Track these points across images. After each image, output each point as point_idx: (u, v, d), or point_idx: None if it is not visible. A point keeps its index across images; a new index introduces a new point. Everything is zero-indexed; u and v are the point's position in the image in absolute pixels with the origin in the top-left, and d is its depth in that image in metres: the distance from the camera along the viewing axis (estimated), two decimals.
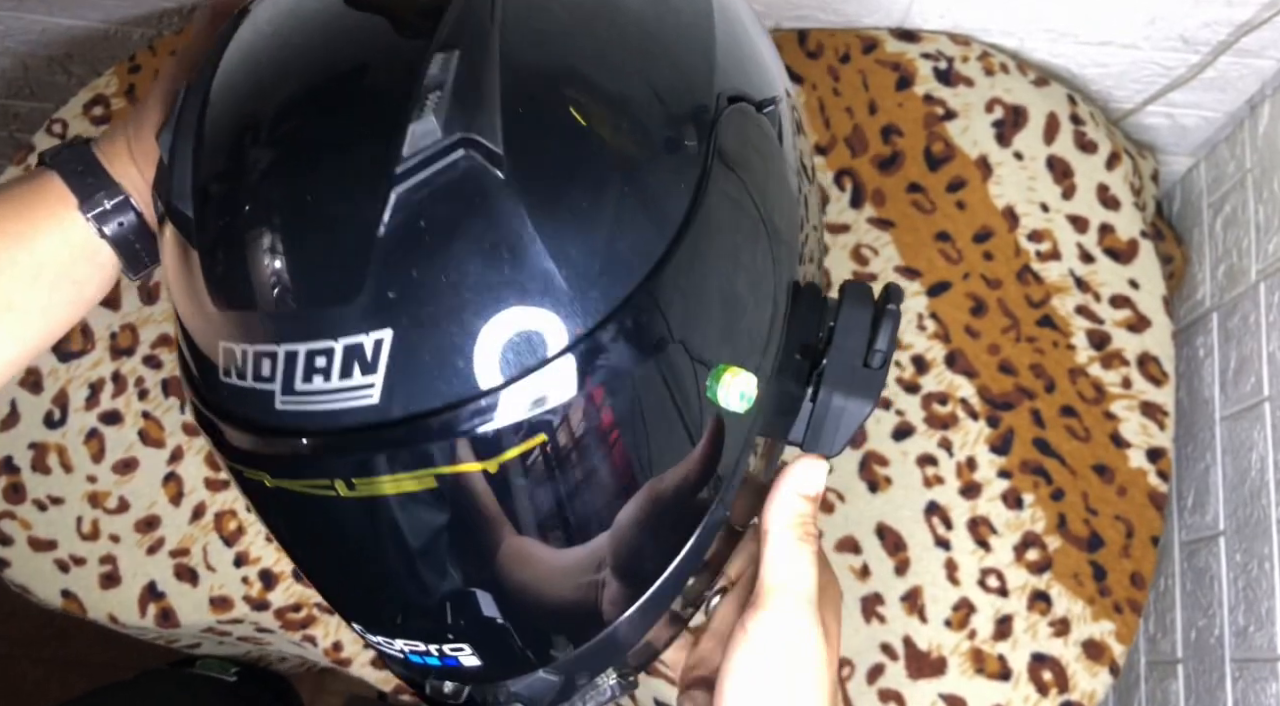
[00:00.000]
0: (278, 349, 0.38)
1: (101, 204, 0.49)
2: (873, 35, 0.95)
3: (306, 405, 0.38)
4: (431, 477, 0.38)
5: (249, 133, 0.40)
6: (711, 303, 0.40)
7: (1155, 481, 0.89)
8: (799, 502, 0.43)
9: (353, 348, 0.37)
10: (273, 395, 0.38)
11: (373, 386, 0.37)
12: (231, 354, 0.39)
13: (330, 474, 0.38)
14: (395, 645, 0.44)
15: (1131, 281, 0.93)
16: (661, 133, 0.39)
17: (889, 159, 0.94)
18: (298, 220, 0.38)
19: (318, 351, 0.37)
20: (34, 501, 0.87)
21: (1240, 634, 0.86)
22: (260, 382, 0.38)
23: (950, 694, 0.85)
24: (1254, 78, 0.94)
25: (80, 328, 0.89)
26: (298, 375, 0.37)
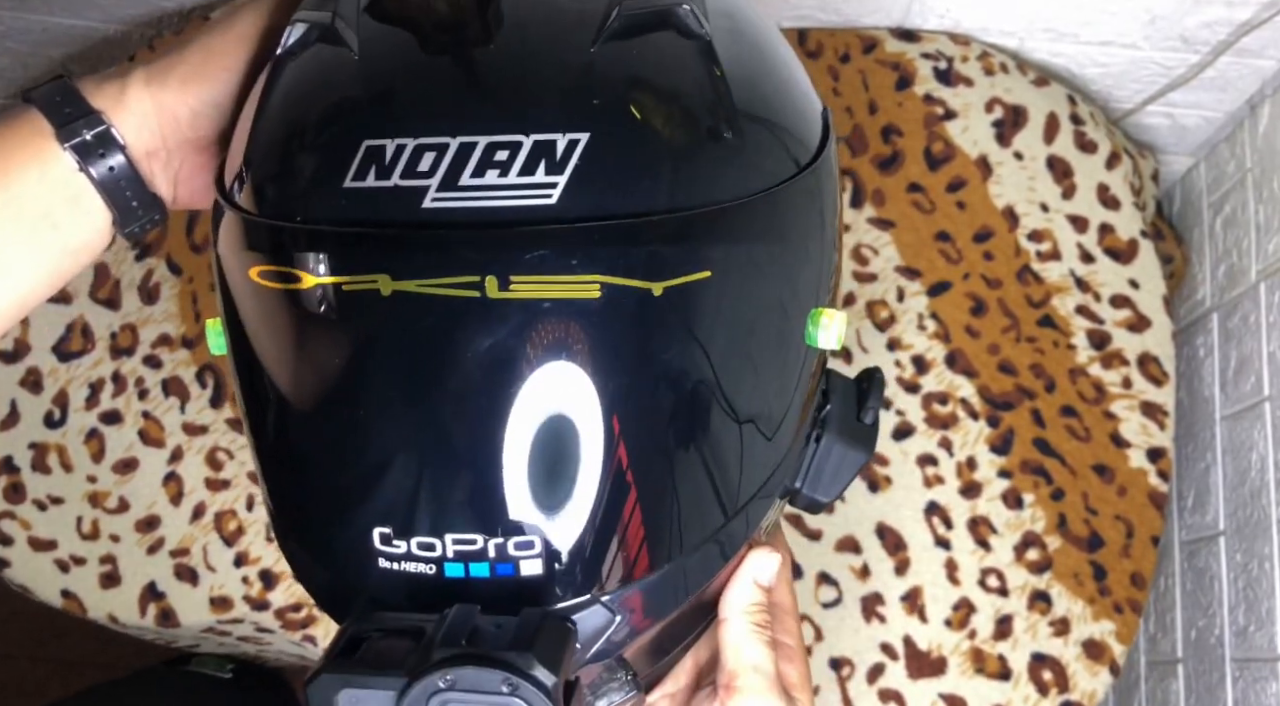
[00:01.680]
0: (451, 141, 0.36)
1: (80, 133, 0.44)
2: (873, 35, 0.95)
3: (467, 201, 0.36)
4: (596, 286, 0.36)
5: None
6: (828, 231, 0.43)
7: (1155, 481, 0.89)
8: (753, 591, 0.45)
9: (544, 144, 0.36)
10: (424, 191, 0.36)
11: (555, 187, 0.36)
12: (378, 152, 0.37)
13: (484, 269, 0.35)
14: (435, 550, 0.38)
15: (1131, 281, 0.93)
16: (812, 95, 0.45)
17: (889, 159, 0.94)
18: (518, 33, 0.38)
19: (501, 144, 0.36)
20: (34, 501, 0.87)
21: (1240, 634, 0.86)
22: (411, 179, 0.36)
23: (950, 693, 0.85)
24: (1254, 78, 0.94)
25: (80, 327, 0.89)
26: (468, 168, 0.36)
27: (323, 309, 0.37)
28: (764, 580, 0.45)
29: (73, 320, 0.90)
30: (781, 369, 0.42)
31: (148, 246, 0.91)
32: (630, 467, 0.38)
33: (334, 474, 0.39)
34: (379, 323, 0.37)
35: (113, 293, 0.90)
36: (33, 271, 0.45)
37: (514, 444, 0.37)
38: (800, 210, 0.41)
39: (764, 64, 0.43)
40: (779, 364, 0.42)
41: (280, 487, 0.42)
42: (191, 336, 0.89)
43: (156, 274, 0.90)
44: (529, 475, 0.37)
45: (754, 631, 0.44)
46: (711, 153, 0.39)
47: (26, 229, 0.44)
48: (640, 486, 0.39)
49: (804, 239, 0.42)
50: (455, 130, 0.36)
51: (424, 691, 0.34)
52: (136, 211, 0.47)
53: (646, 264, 0.36)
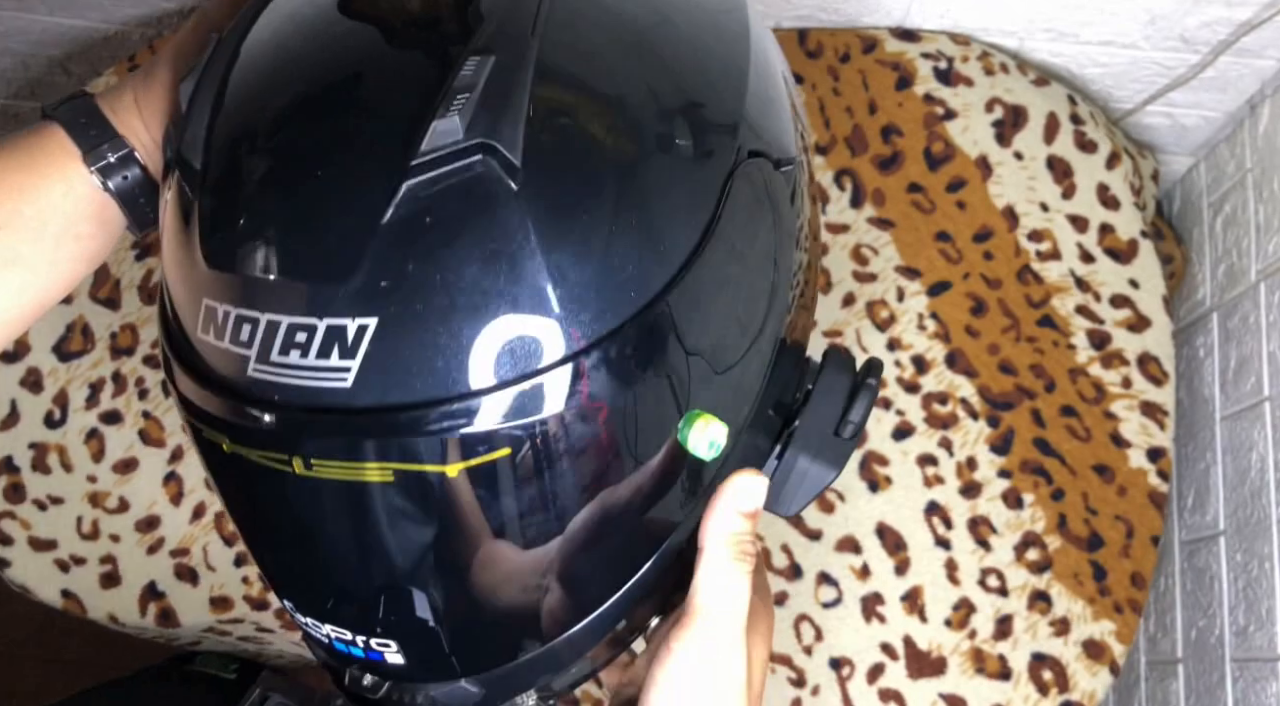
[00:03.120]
0: (260, 317, 0.37)
1: (105, 157, 0.48)
2: (873, 35, 0.95)
3: (279, 377, 0.37)
4: (390, 471, 0.37)
5: (271, 96, 0.40)
6: (699, 346, 0.39)
7: (1155, 481, 0.89)
8: (736, 520, 0.42)
9: (335, 329, 0.36)
10: (248, 360, 0.38)
11: (348, 371, 0.37)
12: (213, 312, 0.39)
13: (290, 450, 0.38)
14: (323, 629, 0.43)
15: (1131, 281, 0.93)
16: (680, 172, 0.39)
17: (889, 159, 0.94)
18: (304, 193, 0.38)
19: (299, 326, 0.37)
20: (34, 501, 0.87)
21: (1240, 634, 0.86)
22: (236, 346, 0.38)
23: (950, 693, 0.85)
24: (1254, 78, 0.94)
25: (80, 327, 0.89)
26: (275, 346, 0.37)
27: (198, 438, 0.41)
28: (746, 507, 0.42)
29: (73, 320, 0.90)
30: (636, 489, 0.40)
31: (148, 246, 0.91)
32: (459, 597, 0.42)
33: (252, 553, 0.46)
34: (226, 470, 0.42)
35: (113, 293, 0.90)
36: (55, 277, 0.49)
37: (353, 576, 0.42)
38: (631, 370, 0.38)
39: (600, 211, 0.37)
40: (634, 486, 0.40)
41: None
42: None
43: (156, 274, 0.90)
44: (371, 599, 0.42)
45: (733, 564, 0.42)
46: (508, 329, 0.36)
47: (51, 241, 0.48)
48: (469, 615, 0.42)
49: (646, 390, 0.39)
50: (263, 306, 0.38)
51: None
52: (150, 217, 0.50)
53: (436, 451, 0.37)
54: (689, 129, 0.40)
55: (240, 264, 0.38)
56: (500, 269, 0.36)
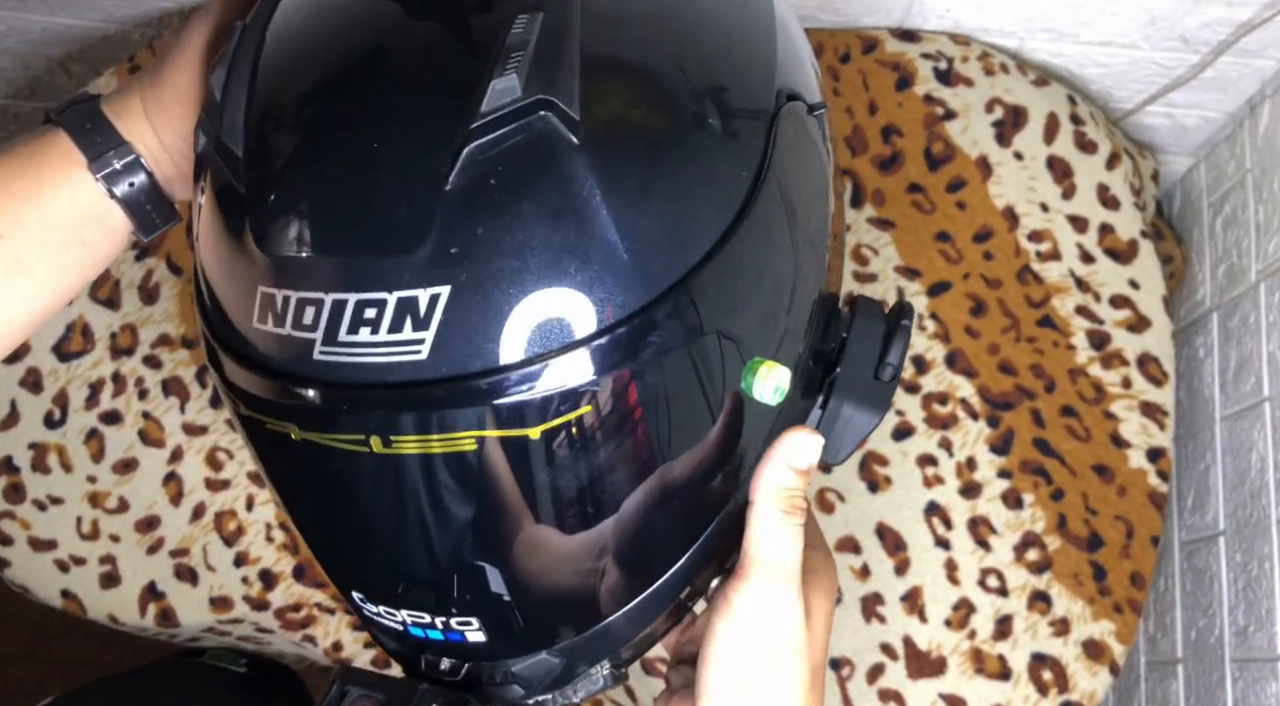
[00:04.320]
0: (324, 297, 0.37)
1: (111, 164, 0.47)
2: (873, 35, 0.95)
3: (348, 357, 0.37)
4: (471, 440, 0.37)
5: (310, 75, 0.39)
6: (757, 293, 0.40)
7: (1155, 481, 0.89)
8: (788, 475, 0.42)
9: (406, 301, 0.36)
10: (312, 344, 0.37)
11: (422, 343, 0.36)
12: (270, 300, 0.38)
13: (366, 429, 0.37)
14: (397, 616, 0.43)
15: (1131, 281, 0.93)
16: (729, 119, 0.39)
17: (889, 159, 0.94)
18: (362, 167, 0.37)
19: (368, 302, 0.36)
20: (34, 501, 0.87)
21: (1240, 634, 0.86)
22: (299, 331, 0.37)
23: (950, 694, 0.85)
24: (1254, 78, 0.94)
25: (80, 327, 0.89)
26: (343, 326, 0.37)
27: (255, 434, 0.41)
28: (800, 463, 0.42)
29: (73, 320, 0.90)
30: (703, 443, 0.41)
31: (148, 246, 0.91)
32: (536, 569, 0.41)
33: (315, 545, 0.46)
34: (296, 461, 0.41)
35: (113, 293, 0.90)
36: (60, 283, 0.49)
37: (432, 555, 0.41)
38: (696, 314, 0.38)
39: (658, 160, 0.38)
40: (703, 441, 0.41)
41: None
42: (191, 336, 0.89)
43: (156, 274, 0.91)
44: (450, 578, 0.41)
45: (783, 519, 0.42)
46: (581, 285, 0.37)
47: (56, 247, 0.47)
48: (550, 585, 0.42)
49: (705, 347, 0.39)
50: (328, 287, 0.37)
51: None
52: (155, 221, 0.50)
53: (517, 415, 0.37)
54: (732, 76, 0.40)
55: (298, 246, 0.38)
56: (568, 225, 0.36)
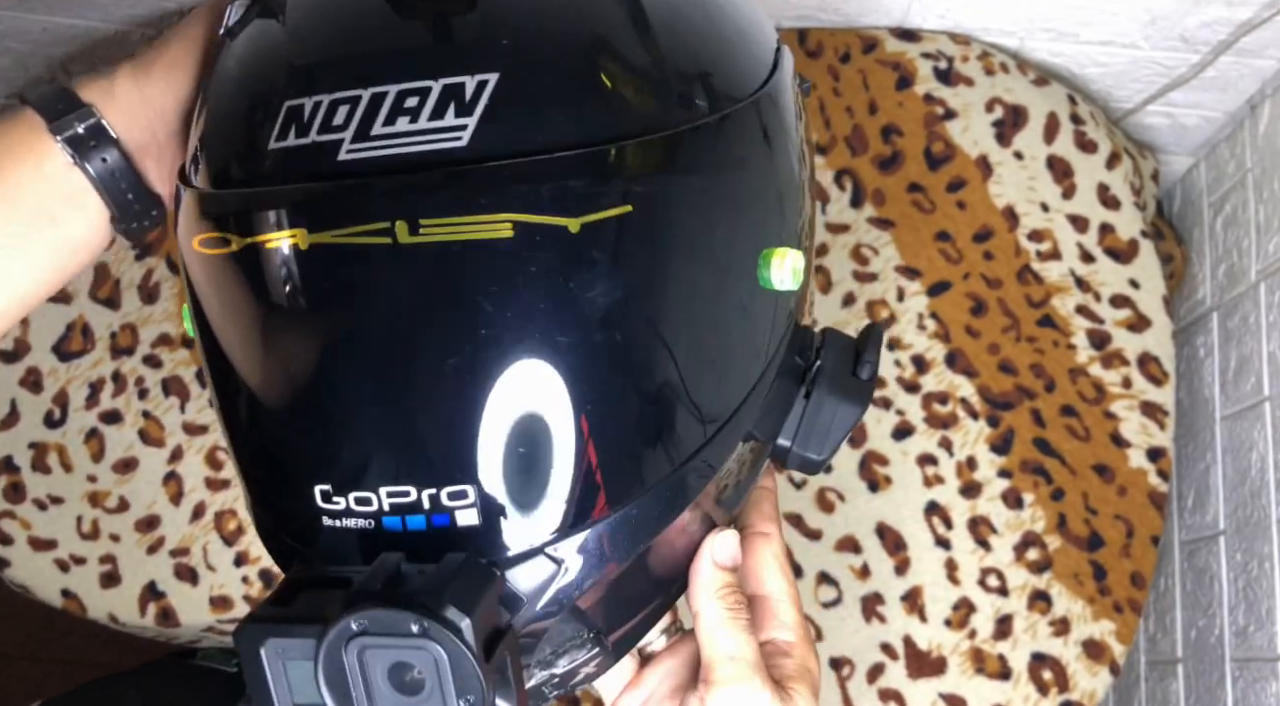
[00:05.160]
0: (362, 93, 0.36)
1: (72, 126, 0.44)
2: (873, 35, 0.96)
3: (380, 150, 0.36)
4: (507, 225, 0.35)
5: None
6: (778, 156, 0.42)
7: (1155, 481, 0.89)
8: (717, 574, 0.43)
9: (452, 88, 0.36)
10: (338, 145, 0.36)
11: (464, 129, 0.36)
12: (297, 111, 0.37)
13: (392, 214, 0.35)
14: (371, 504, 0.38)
15: (1132, 281, 0.93)
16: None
17: (889, 159, 0.94)
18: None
19: (411, 91, 0.36)
20: (34, 501, 0.87)
21: (1240, 634, 0.86)
22: (327, 134, 0.36)
23: (950, 693, 0.85)
24: (1254, 78, 0.94)
25: (80, 327, 0.89)
26: (379, 117, 0.36)
27: (251, 269, 0.38)
28: (721, 559, 0.43)
29: (73, 320, 0.90)
30: (725, 306, 0.40)
31: (148, 246, 0.91)
32: (559, 412, 0.37)
33: (276, 435, 0.40)
34: (300, 277, 0.37)
35: (113, 292, 0.90)
36: (32, 268, 0.46)
37: (438, 390, 0.37)
38: (735, 145, 0.40)
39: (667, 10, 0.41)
40: (721, 301, 0.40)
41: (239, 455, 0.42)
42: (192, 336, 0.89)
43: (156, 274, 0.90)
44: (454, 422, 0.37)
45: (725, 616, 0.42)
46: (625, 87, 0.38)
47: (23, 224, 0.45)
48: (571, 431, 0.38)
49: (742, 175, 0.40)
50: (366, 82, 0.36)
51: (339, 636, 0.34)
52: (134, 208, 0.47)
53: (560, 200, 0.36)
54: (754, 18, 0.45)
55: (337, 47, 0.38)
56: (622, 28, 0.38)
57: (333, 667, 0.34)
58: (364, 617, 0.34)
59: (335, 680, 0.34)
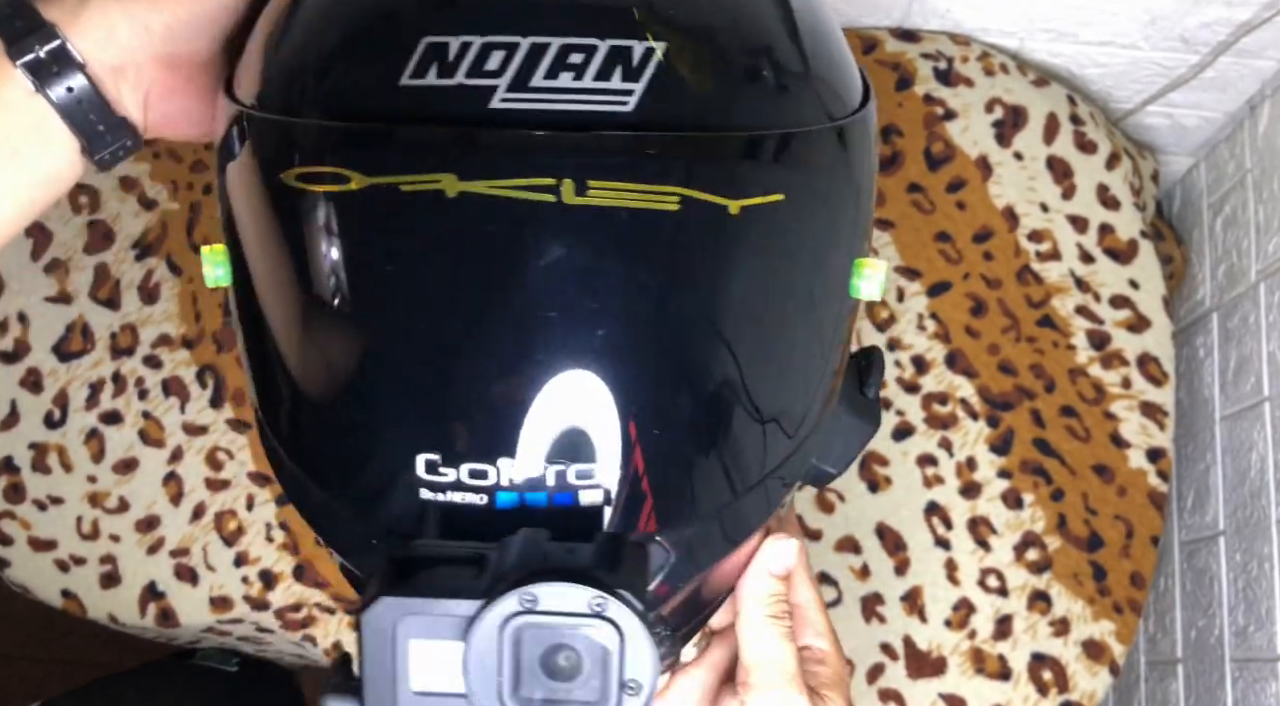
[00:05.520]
0: (522, 40, 0.34)
1: (33, 50, 0.40)
2: (873, 35, 0.95)
3: (539, 103, 0.34)
4: (674, 199, 0.34)
5: None
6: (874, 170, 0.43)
7: (1155, 481, 0.89)
8: (770, 582, 0.43)
9: (619, 50, 0.35)
10: (491, 91, 0.34)
11: (630, 94, 0.34)
12: (440, 49, 0.35)
13: (561, 171, 0.33)
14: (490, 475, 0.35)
15: (1131, 281, 0.93)
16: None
17: (889, 159, 0.94)
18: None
19: (575, 47, 0.34)
20: (34, 501, 0.87)
21: (1240, 634, 0.86)
22: (477, 78, 0.34)
23: (950, 694, 0.85)
24: (1254, 78, 0.94)
25: (80, 327, 0.89)
26: (539, 70, 0.34)
27: (375, 211, 0.35)
28: (777, 569, 0.43)
29: (72, 320, 0.90)
30: (832, 304, 0.40)
31: (148, 246, 0.91)
32: (702, 392, 0.36)
33: (381, 395, 0.36)
34: (441, 226, 0.35)
35: (113, 293, 0.90)
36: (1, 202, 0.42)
37: (584, 361, 0.35)
38: (858, 150, 0.41)
39: (820, 9, 0.42)
40: (832, 300, 0.40)
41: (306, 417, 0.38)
42: (191, 336, 0.89)
43: (156, 274, 0.91)
44: (599, 396, 0.35)
45: (770, 623, 0.42)
46: (782, 80, 0.38)
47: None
48: (711, 412, 0.37)
49: (859, 179, 0.41)
50: (527, 30, 0.35)
51: (499, 615, 0.31)
52: (105, 137, 0.43)
53: (725, 179, 0.35)
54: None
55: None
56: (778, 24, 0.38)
57: (480, 650, 0.31)
58: (531, 594, 0.31)
59: (479, 664, 0.31)
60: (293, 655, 0.95)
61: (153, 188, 0.92)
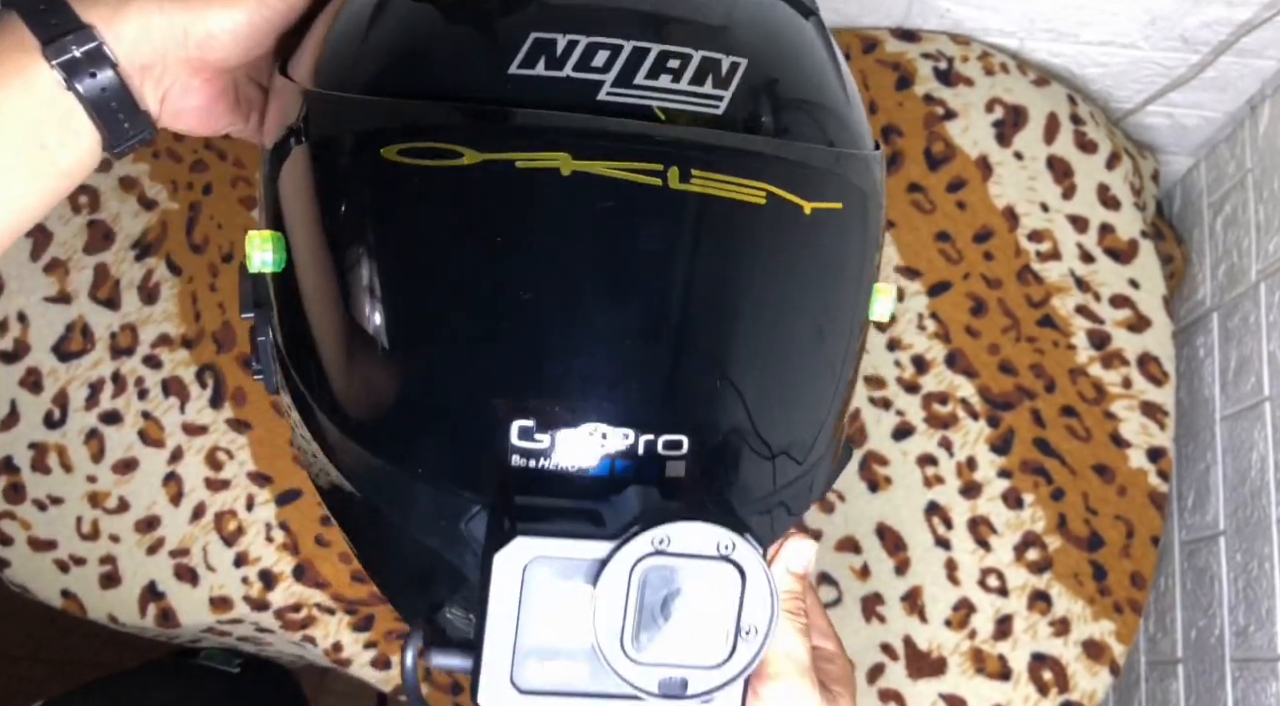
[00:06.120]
0: (624, 44, 0.38)
1: (69, 50, 0.41)
2: (873, 35, 0.95)
3: (642, 98, 0.38)
4: (762, 193, 0.38)
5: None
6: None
7: (1155, 481, 0.89)
8: (788, 579, 0.44)
9: (710, 61, 0.39)
10: (599, 85, 0.38)
11: (721, 99, 0.39)
12: (547, 44, 0.38)
13: (670, 159, 0.37)
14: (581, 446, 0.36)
15: (1132, 281, 0.93)
16: None
17: (889, 159, 0.94)
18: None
19: (673, 54, 0.38)
20: (34, 501, 0.87)
21: (1240, 634, 0.86)
22: (584, 72, 0.38)
23: (950, 693, 0.85)
24: (1254, 78, 0.94)
25: (80, 328, 0.89)
26: (642, 69, 0.38)
27: (489, 186, 0.37)
28: (797, 567, 0.44)
29: (72, 320, 0.90)
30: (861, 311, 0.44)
31: (148, 246, 0.91)
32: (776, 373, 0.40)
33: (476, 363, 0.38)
34: (554, 201, 0.37)
35: (113, 293, 0.90)
36: (22, 192, 0.43)
37: (679, 335, 0.38)
38: (883, 180, 0.45)
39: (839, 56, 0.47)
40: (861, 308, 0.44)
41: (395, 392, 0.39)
42: (191, 336, 0.89)
43: (156, 274, 0.91)
44: (690, 369, 0.38)
45: (787, 618, 0.43)
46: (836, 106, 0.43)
47: (11, 149, 0.42)
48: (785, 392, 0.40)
49: (879, 211, 0.45)
50: (629, 35, 0.38)
51: (631, 556, 0.33)
52: (126, 130, 0.44)
53: (805, 182, 0.39)
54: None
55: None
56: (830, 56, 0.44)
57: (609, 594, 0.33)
58: (664, 534, 0.33)
59: (607, 609, 0.33)
60: (292, 655, 0.95)
61: (152, 188, 0.92)
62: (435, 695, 0.89)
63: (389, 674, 0.88)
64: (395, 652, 0.88)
